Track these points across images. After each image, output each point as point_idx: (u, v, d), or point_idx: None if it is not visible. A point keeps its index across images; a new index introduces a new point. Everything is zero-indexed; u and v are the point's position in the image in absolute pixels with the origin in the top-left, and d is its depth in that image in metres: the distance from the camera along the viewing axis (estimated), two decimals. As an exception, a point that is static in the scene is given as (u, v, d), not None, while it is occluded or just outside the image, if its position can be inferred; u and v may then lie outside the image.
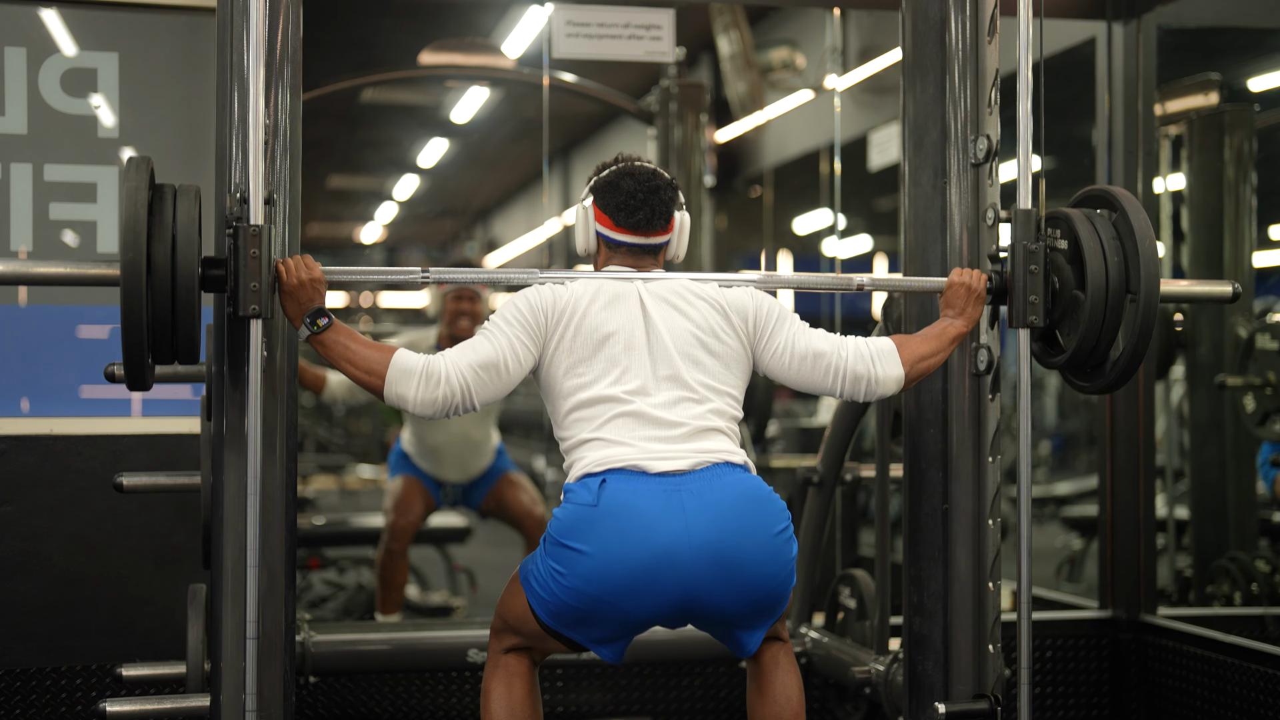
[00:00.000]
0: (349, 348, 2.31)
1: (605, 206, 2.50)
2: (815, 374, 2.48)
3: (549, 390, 2.43)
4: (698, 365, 2.40)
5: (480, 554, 6.11)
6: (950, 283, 2.55)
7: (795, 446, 6.39)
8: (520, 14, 5.05)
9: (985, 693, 2.68)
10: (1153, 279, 2.44)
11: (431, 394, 2.31)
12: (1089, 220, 2.51)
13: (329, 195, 7.76)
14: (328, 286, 2.31)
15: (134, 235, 2.11)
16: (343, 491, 8.00)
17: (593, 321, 2.39)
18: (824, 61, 5.42)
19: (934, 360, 2.52)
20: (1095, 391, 2.60)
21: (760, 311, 2.48)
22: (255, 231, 2.22)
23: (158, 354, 2.22)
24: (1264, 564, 4.23)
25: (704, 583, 2.27)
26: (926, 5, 2.75)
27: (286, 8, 2.41)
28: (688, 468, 2.32)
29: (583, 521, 2.28)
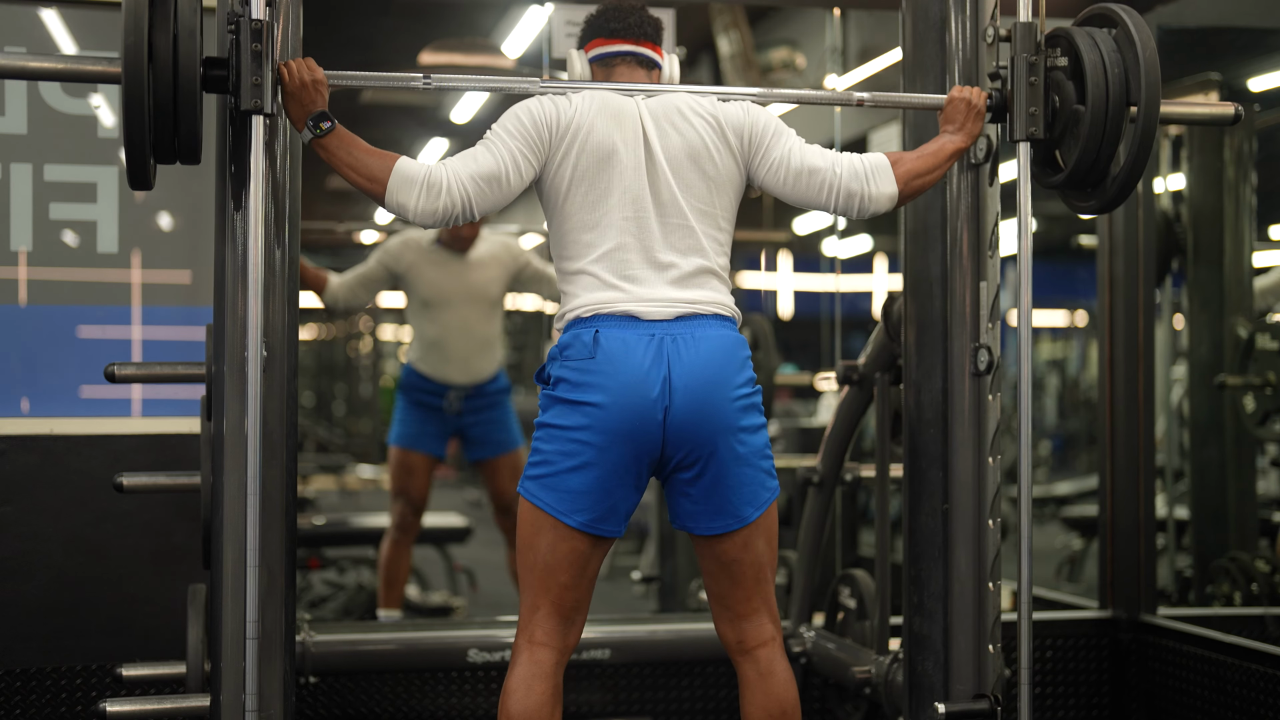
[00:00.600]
0: (351, 153, 2.32)
1: (594, 31, 2.56)
2: (810, 189, 2.49)
3: (550, 205, 2.45)
4: (690, 190, 2.43)
5: (480, 554, 6.11)
6: (950, 98, 2.54)
7: (795, 446, 6.39)
8: (520, 14, 5.04)
9: (985, 693, 2.68)
10: (1154, 87, 2.41)
11: (432, 204, 2.33)
12: (1089, 36, 2.48)
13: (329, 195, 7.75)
14: (330, 89, 2.31)
15: (136, 21, 2.08)
16: (343, 491, 8.01)
17: (595, 139, 2.40)
18: (824, 61, 5.41)
19: (930, 178, 2.52)
20: (1095, 211, 2.57)
21: (756, 126, 2.49)
22: (258, 26, 2.20)
23: (160, 151, 2.20)
24: (1264, 564, 4.23)
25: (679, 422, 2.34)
26: (926, 5, 2.75)
27: (286, 8, 2.41)
28: (674, 315, 2.38)
29: (587, 375, 2.33)
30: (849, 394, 3.38)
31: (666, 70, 2.60)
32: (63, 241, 3.42)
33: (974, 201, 2.71)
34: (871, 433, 3.46)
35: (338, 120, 2.31)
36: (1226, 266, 4.38)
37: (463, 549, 5.86)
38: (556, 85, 2.45)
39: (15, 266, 3.40)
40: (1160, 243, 4.21)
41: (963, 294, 2.71)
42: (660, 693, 3.63)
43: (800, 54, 6.11)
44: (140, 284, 3.45)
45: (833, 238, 5.62)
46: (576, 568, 2.40)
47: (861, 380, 3.30)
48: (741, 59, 6.09)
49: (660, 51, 2.59)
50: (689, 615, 4.09)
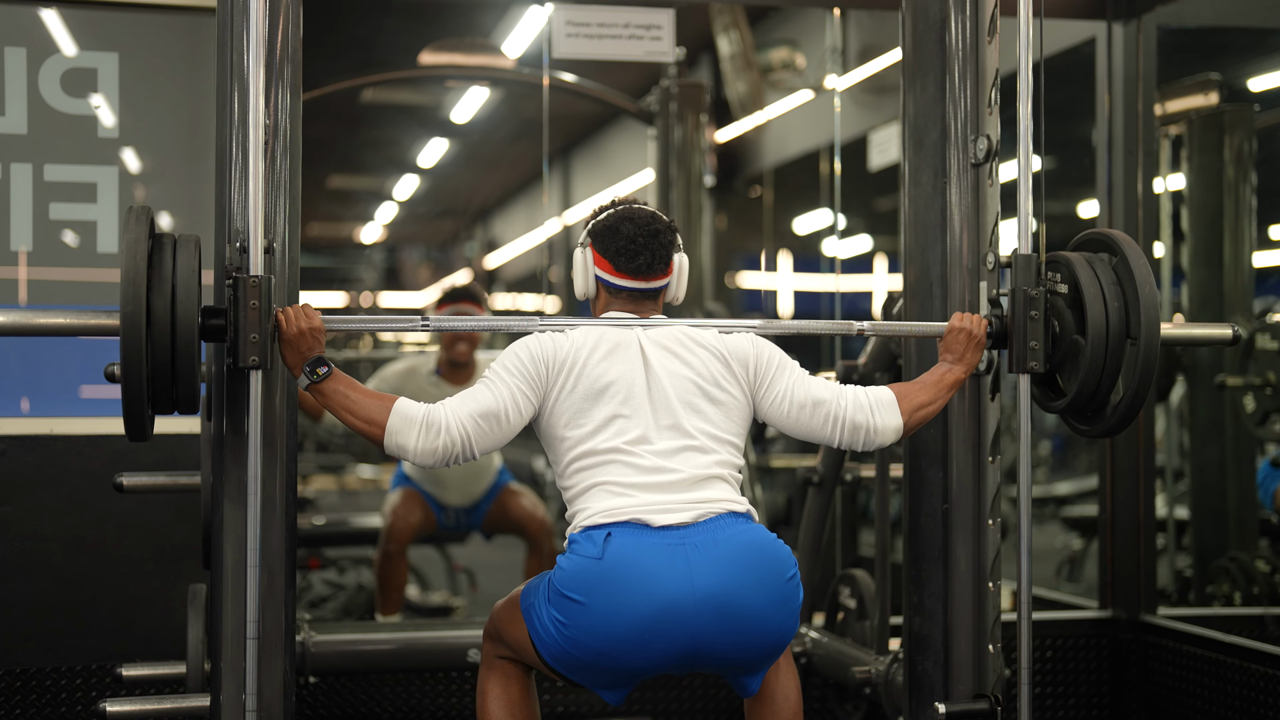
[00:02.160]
0: (349, 397, 2.31)
1: (605, 251, 2.49)
2: (814, 422, 2.47)
3: (549, 440, 2.43)
4: (699, 414, 2.40)
5: (480, 554, 6.11)
6: (950, 327, 2.55)
7: (795, 446, 6.38)
8: (520, 14, 5.05)
9: (985, 693, 2.68)
10: (1153, 324, 2.45)
11: (432, 444, 2.30)
12: (1089, 265, 2.51)
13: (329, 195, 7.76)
14: (327, 336, 2.31)
15: (134, 288, 2.12)
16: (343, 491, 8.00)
17: (593, 372, 2.38)
18: (824, 61, 5.41)
19: (932, 408, 2.52)
20: (1096, 435, 2.60)
21: (760, 359, 2.47)
22: (255, 283, 2.23)
23: (157, 404, 2.23)
24: (1264, 564, 4.23)
25: (709, 634, 2.26)
26: (926, 5, 2.75)
27: (286, 8, 2.42)
28: (691, 520, 2.31)
29: (587, 574, 2.27)
30: (849, 394, 3.38)
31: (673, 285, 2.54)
32: (63, 241, 3.42)
33: (974, 201, 2.71)
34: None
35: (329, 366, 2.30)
36: (1226, 266, 4.38)
37: (463, 549, 5.86)
38: (555, 323, 2.44)
39: (15, 266, 3.40)
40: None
41: (963, 294, 2.71)
42: (660, 693, 3.63)
43: (800, 54, 6.11)
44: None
45: (833, 238, 5.63)
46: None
47: (862, 380, 3.30)
48: (741, 59, 6.09)
49: (670, 271, 2.52)
50: (689, 615, 4.09)
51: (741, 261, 8.00)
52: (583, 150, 8.03)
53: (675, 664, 2.30)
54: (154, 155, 3.50)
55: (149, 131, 3.47)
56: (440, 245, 9.02)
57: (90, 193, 3.43)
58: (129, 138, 3.46)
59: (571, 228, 7.76)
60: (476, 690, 2.49)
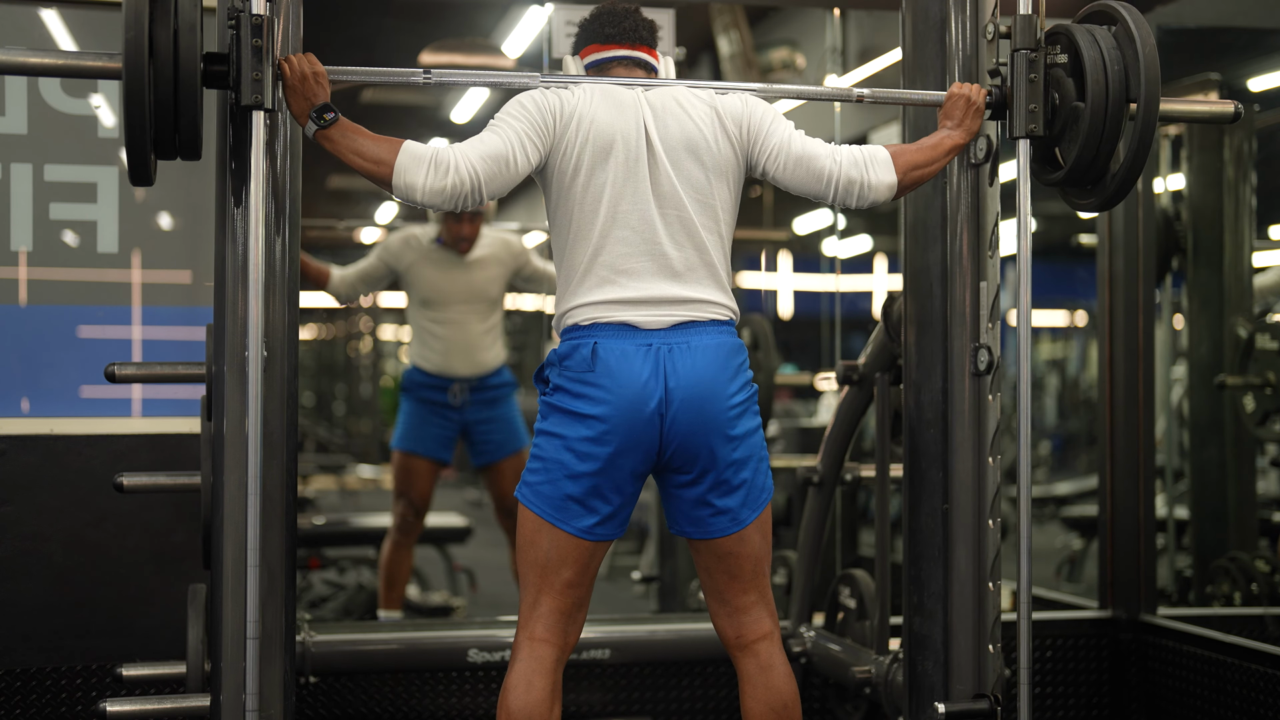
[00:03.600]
0: (357, 140, 2.31)
1: (590, 35, 2.57)
2: (809, 177, 2.50)
3: (552, 193, 2.46)
4: (690, 182, 2.44)
5: (480, 554, 6.11)
6: (950, 94, 2.55)
7: (795, 446, 6.39)
8: (520, 14, 5.04)
9: (985, 693, 2.68)
10: (1153, 84, 2.41)
11: (440, 182, 2.31)
12: (1089, 33, 2.49)
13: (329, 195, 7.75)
14: (331, 84, 2.30)
15: (136, 16, 2.08)
16: (343, 491, 8.01)
17: (598, 127, 2.41)
18: (824, 61, 5.41)
19: (928, 170, 2.53)
20: (1095, 208, 2.58)
21: (754, 115, 2.49)
22: (258, 20, 2.20)
23: (160, 147, 2.20)
24: (1264, 564, 4.23)
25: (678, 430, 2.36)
26: (926, 5, 2.75)
27: (286, 8, 2.41)
28: (671, 324, 2.39)
29: (587, 385, 2.35)
30: (849, 394, 3.38)
31: (662, 71, 2.62)
32: (63, 241, 3.42)
33: (974, 201, 2.71)
34: (871, 433, 3.46)
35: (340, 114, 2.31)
36: (1226, 266, 4.38)
37: (463, 549, 5.86)
38: (558, 79, 2.45)
39: (15, 266, 3.40)
40: (1160, 242, 4.21)
41: (963, 294, 2.71)
42: (660, 693, 3.63)
43: (800, 54, 6.11)
44: (140, 284, 3.45)
45: (833, 238, 5.62)
46: (577, 567, 2.41)
47: (861, 380, 3.30)
48: (741, 59, 6.09)
49: (656, 55, 2.60)
50: (689, 615, 4.09)
51: (741, 261, 8.00)
52: (583, 150, 8.01)
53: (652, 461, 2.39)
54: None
55: (149, 131, 3.46)
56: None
57: (90, 193, 3.42)
58: (129, 138, 3.46)
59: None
60: (503, 682, 2.43)
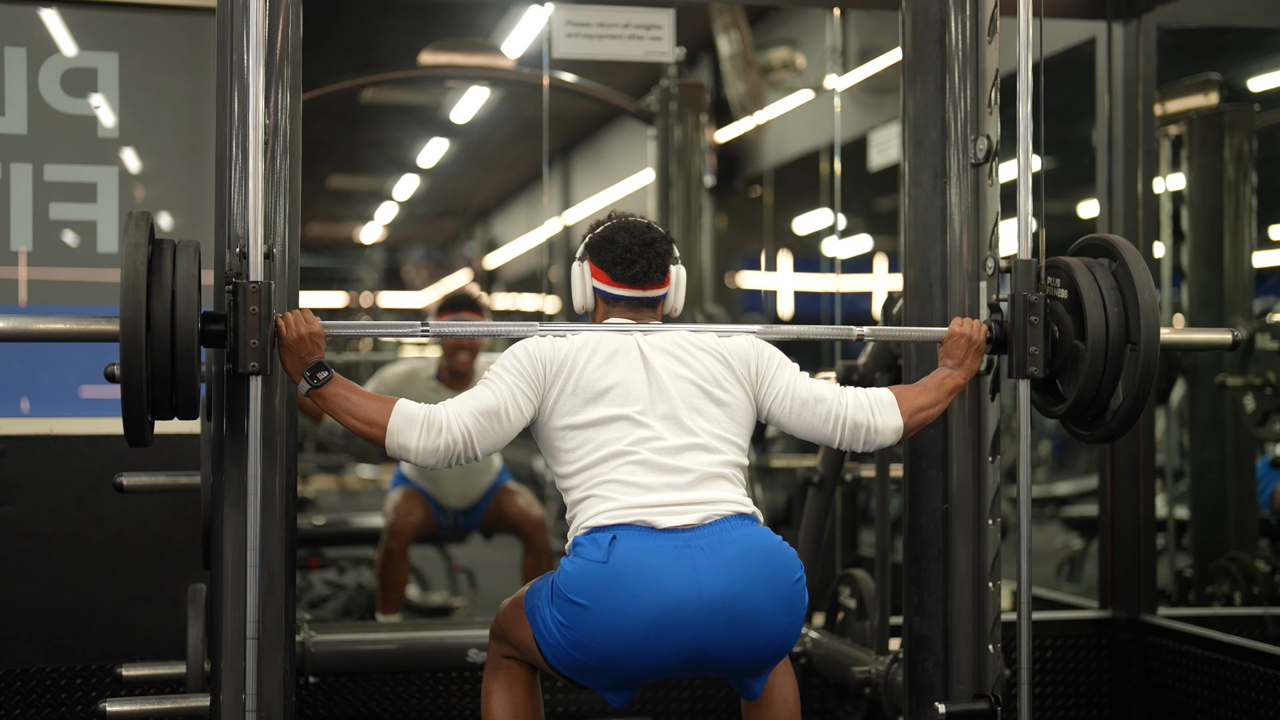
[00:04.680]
0: (349, 399, 2.31)
1: (601, 262, 2.50)
2: (815, 420, 2.47)
3: (549, 442, 2.42)
4: (701, 414, 2.40)
5: (480, 554, 6.10)
6: (951, 333, 2.56)
7: (795, 446, 6.38)
8: (520, 14, 5.05)
9: (985, 693, 2.68)
10: (1153, 329, 2.44)
11: (433, 443, 2.30)
12: (1089, 270, 2.51)
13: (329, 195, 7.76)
14: (326, 341, 2.31)
15: (134, 294, 2.12)
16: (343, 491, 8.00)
17: (592, 375, 2.38)
18: (824, 61, 5.41)
19: (932, 411, 2.53)
20: (1096, 441, 2.59)
21: (761, 358, 2.48)
22: (255, 288, 2.23)
23: (157, 410, 2.23)
24: (1264, 564, 4.23)
25: (715, 638, 2.26)
26: (926, 5, 2.75)
27: (286, 8, 2.42)
28: (697, 522, 2.30)
29: (591, 578, 2.26)
30: (849, 394, 3.38)
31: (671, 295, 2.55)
32: (63, 241, 3.42)
33: (974, 202, 2.71)
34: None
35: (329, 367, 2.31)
36: (1226, 266, 4.38)
37: (463, 549, 5.86)
38: (555, 329, 2.44)
39: (15, 266, 3.40)
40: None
41: (962, 294, 2.71)
42: (660, 693, 3.63)
43: (800, 54, 6.11)
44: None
45: (833, 238, 5.62)
46: None
47: (861, 380, 3.30)
48: (741, 59, 6.09)
49: (668, 281, 2.53)
50: (689, 615, 4.09)
51: (741, 261, 8.00)
52: (583, 150, 8.03)
53: (680, 667, 2.29)
54: (154, 155, 3.50)
55: (149, 131, 3.47)
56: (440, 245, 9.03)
57: (90, 193, 3.42)
58: (129, 138, 3.46)
59: (572, 228, 7.77)
60: (481, 690, 2.49)
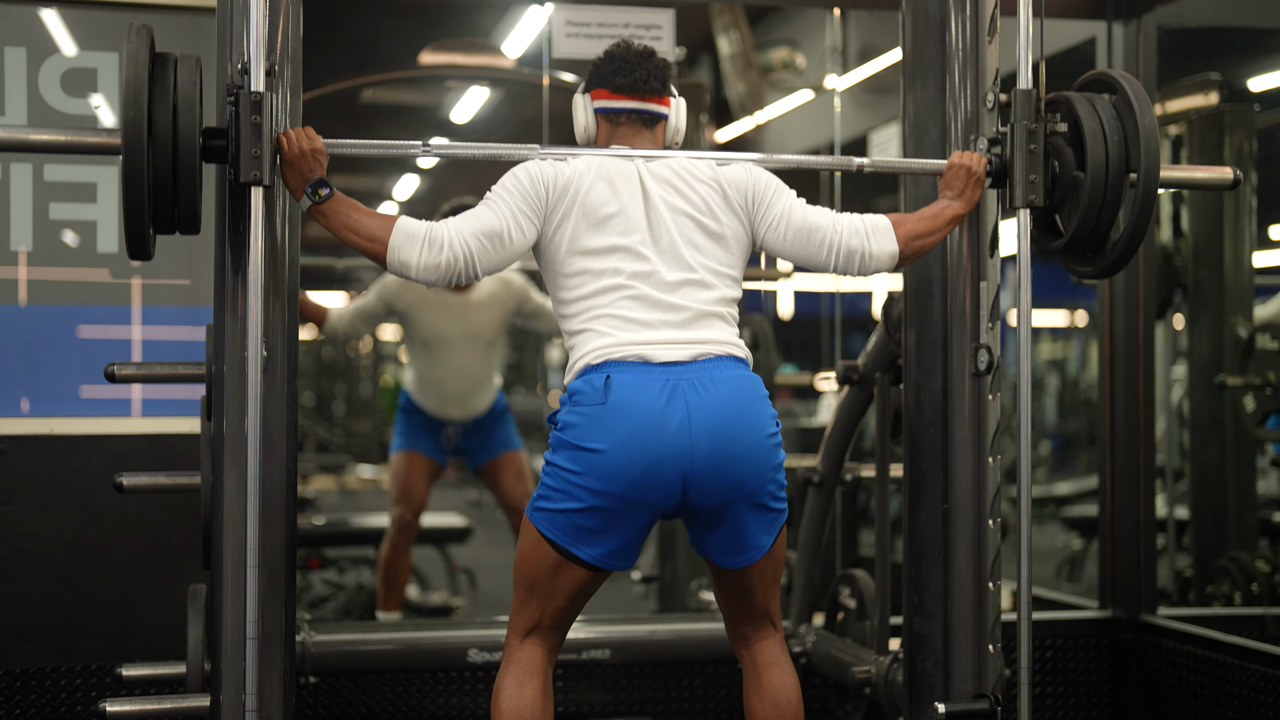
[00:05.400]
0: (351, 216, 2.31)
1: (601, 79, 2.53)
2: (810, 246, 2.49)
3: (550, 268, 2.43)
4: (698, 249, 2.42)
5: (480, 554, 6.11)
6: (950, 164, 2.56)
7: (795, 446, 6.38)
8: (520, 14, 5.04)
9: (985, 693, 2.68)
10: (1153, 156, 2.43)
11: (434, 259, 2.31)
12: (1089, 102, 2.49)
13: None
14: (329, 158, 2.30)
15: (135, 96, 2.09)
16: (343, 491, 8.01)
17: (595, 200, 2.39)
18: (824, 61, 5.41)
19: (929, 240, 2.53)
20: (1095, 276, 2.59)
21: (757, 186, 2.49)
22: (257, 98, 2.21)
23: (159, 222, 2.20)
24: (1264, 564, 4.23)
25: (702, 473, 2.31)
26: (926, 5, 2.75)
27: (286, 8, 2.41)
28: (689, 358, 2.34)
29: (595, 421, 2.30)
30: (849, 394, 3.38)
31: (673, 113, 2.57)
32: (63, 241, 3.42)
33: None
34: (871, 433, 3.46)
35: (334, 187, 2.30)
36: (1226, 266, 4.38)
37: (463, 549, 5.86)
38: (555, 151, 2.44)
39: (15, 266, 3.39)
40: (1161, 266, 4.22)
41: (962, 294, 2.71)
42: (660, 693, 3.63)
43: (800, 54, 6.11)
44: (140, 284, 3.45)
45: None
46: (576, 592, 2.41)
47: (861, 380, 3.30)
48: (741, 59, 6.09)
49: (668, 101, 2.56)
50: (689, 615, 4.10)
51: (741, 261, 7.99)
52: (583, 150, 8.01)
53: (673, 503, 2.33)
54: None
55: (149, 131, 3.46)
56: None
57: (90, 193, 3.42)
58: (129, 138, 3.45)
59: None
60: (494, 685, 2.44)
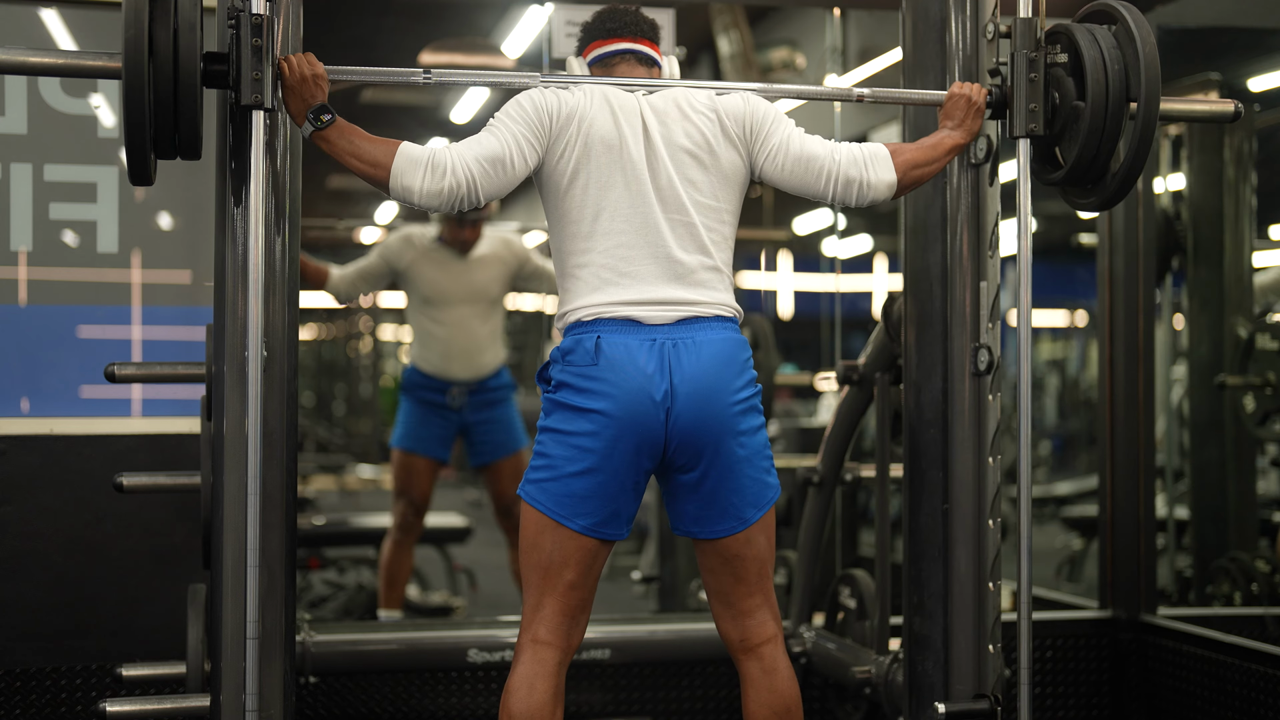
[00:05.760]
0: (354, 142, 2.32)
1: (592, 33, 2.58)
2: (808, 176, 2.49)
3: (550, 197, 2.45)
4: (693, 185, 2.43)
5: (480, 554, 6.11)
6: (950, 94, 2.55)
7: (795, 446, 6.39)
8: (520, 14, 5.04)
9: (985, 693, 2.68)
10: (1153, 83, 2.41)
11: (437, 184, 2.31)
12: (1089, 32, 2.48)
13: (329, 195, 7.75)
14: (330, 84, 2.30)
15: (136, 15, 2.08)
16: (343, 491, 8.01)
17: (597, 130, 2.40)
18: (824, 61, 5.41)
19: (928, 169, 2.52)
20: (1095, 208, 2.57)
21: (755, 115, 2.49)
22: (258, 20, 2.20)
23: (160, 147, 2.20)
24: (1264, 564, 4.23)
25: (682, 431, 2.35)
26: (926, 5, 2.75)
27: (286, 8, 2.41)
28: (676, 319, 2.38)
29: (589, 381, 2.34)
30: (849, 394, 3.38)
31: (666, 70, 2.62)
32: (63, 241, 3.42)
33: (974, 201, 2.71)
34: (871, 433, 3.46)
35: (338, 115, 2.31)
36: (1226, 266, 4.38)
37: (463, 549, 5.86)
38: (558, 79, 2.45)
39: (15, 266, 3.40)
40: (1160, 242, 4.21)
41: (963, 294, 2.71)
42: (660, 693, 3.63)
43: (800, 54, 6.11)
44: (140, 284, 3.45)
45: (833, 237, 5.62)
46: (581, 567, 2.40)
47: (861, 380, 3.30)
48: (741, 59, 6.09)
49: (658, 50, 2.60)
50: (689, 615, 4.09)
51: (741, 261, 8.00)
52: (583, 150, 8.01)
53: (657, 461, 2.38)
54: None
55: (149, 131, 3.46)
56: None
57: (90, 193, 3.42)
58: (129, 138, 3.46)
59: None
60: (505, 684, 2.42)
